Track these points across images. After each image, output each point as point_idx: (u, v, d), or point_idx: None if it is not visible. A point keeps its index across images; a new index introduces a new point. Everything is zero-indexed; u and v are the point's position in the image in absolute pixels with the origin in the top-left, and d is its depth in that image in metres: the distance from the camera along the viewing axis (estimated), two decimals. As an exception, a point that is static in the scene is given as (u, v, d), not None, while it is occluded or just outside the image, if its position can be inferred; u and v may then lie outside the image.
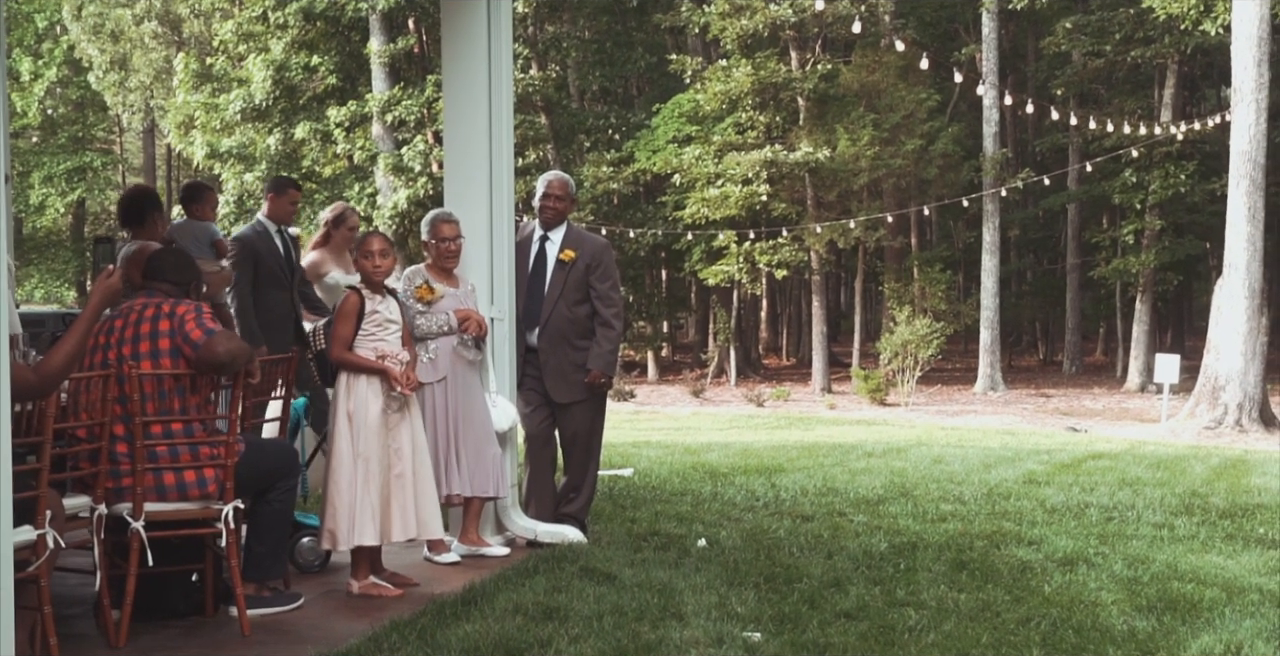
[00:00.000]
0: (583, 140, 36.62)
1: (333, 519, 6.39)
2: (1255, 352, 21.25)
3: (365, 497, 6.41)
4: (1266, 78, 21.71)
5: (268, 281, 8.48)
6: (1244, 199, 21.54)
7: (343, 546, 6.43)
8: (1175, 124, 31.11)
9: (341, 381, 6.53)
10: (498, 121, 7.87)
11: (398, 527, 6.53)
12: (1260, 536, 8.46)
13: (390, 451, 6.52)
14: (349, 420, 6.45)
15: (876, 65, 33.17)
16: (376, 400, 6.50)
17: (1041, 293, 43.70)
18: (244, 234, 8.73)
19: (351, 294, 6.58)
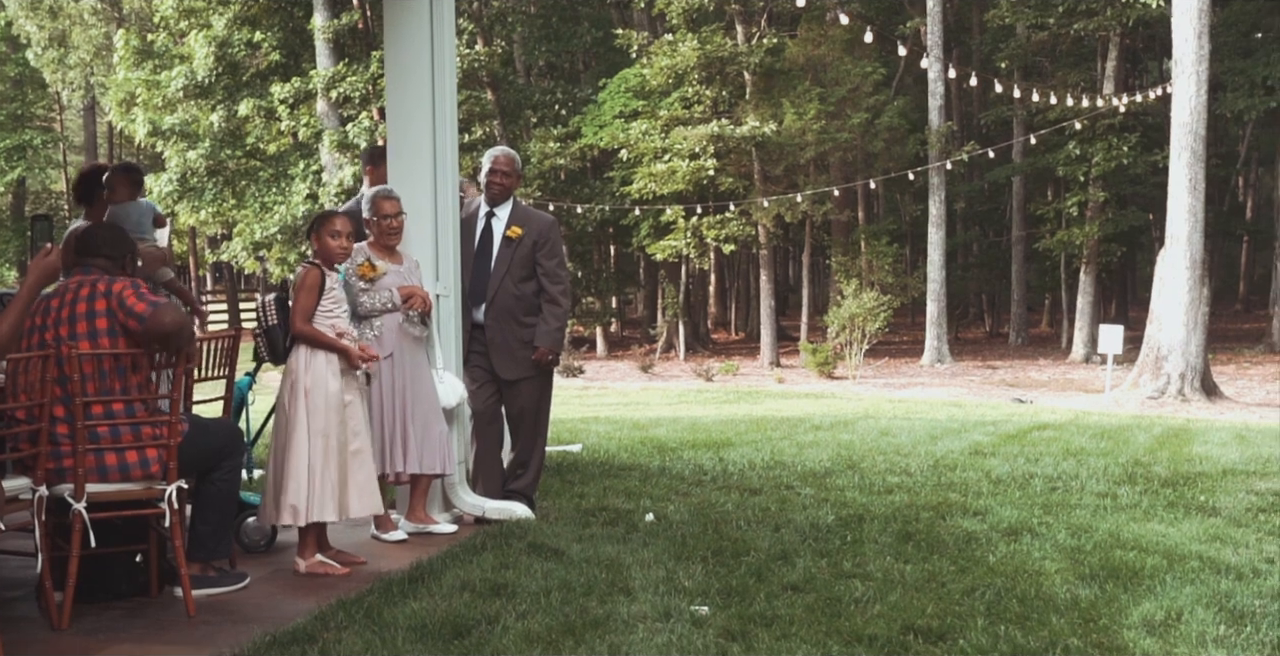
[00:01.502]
0: (529, 116, 36.49)
1: (295, 494, 6.35)
2: (1197, 323, 21.47)
3: (325, 474, 6.39)
4: (1207, 50, 21.88)
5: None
6: (1185, 170, 21.73)
7: (302, 521, 6.39)
8: (1118, 96, 31.32)
9: (300, 357, 6.48)
10: (441, 97, 7.82)
11: (356, 504, 6.51)
12: (1201, 504, 8.56)
13: (348, 429, 6.50)
14: (306, 396, 6.41)
15: (822, 39, 33.22)
16: (335, 378, 6.47)
17: (987, 265, 44.00)
18: (350, 208, 8.23)
19: (313, 268, 6.55)
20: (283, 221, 32.28)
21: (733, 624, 5.30)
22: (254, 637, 5.15)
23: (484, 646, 5.01)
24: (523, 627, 5.23)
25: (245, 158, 34.65)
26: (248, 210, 33.74)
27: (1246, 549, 7.04)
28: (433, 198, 7.74)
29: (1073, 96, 30.09)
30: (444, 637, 5.13)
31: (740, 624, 5.30)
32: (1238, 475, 10.07)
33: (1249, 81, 33.82)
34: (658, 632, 5.18)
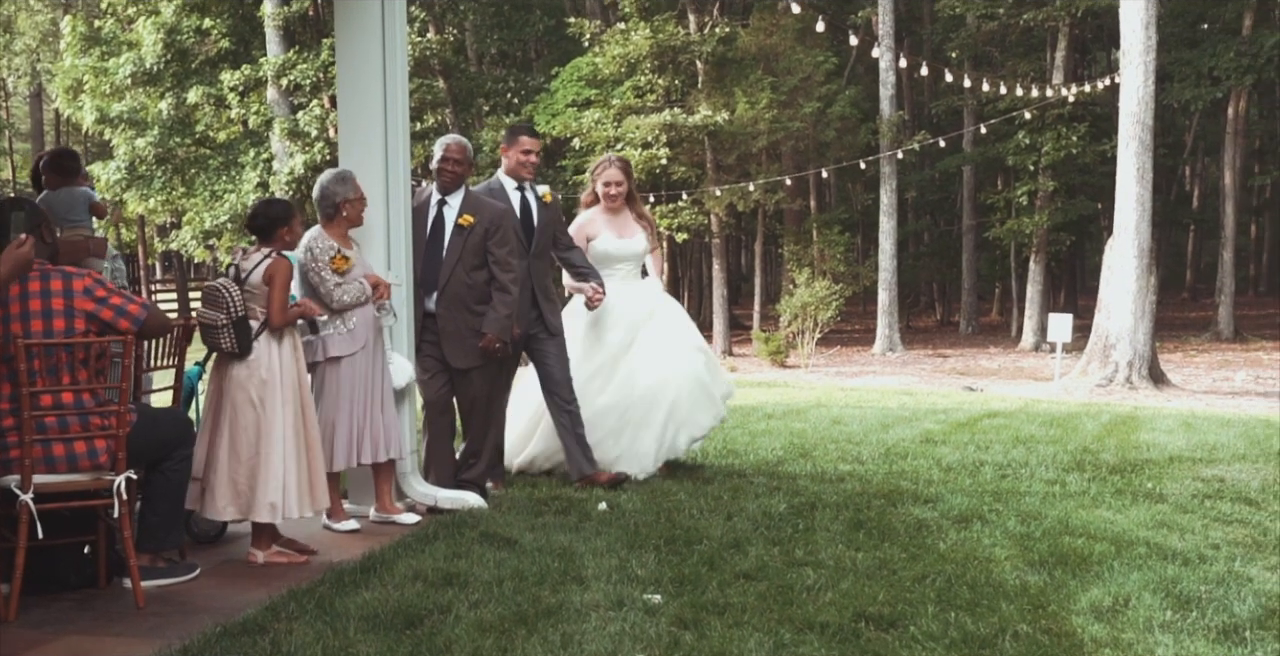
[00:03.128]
0: (481, 104, 36.36)
1: (275, 491, 6.30)
2: (1144, 311, 21.66)
3: (300, 468, 6.37)
4: (1154, 40, 22.05)
5: None
6: (1133, 160, 21.90)
7: (280, 518, 6.35)
8: (1067, 86, 31.51)
9: (272, 352, 6.41)
10: (393, 85, 7.78)
11: (320, 496, 6.50)
12: (1148, 491, 8.65)
13: (308, 420, 6.47)
14: (281, 390, 6.36)
15: (774, 28, 33.24)
16: (292, 368, 6.43)
17: (938, 254, 44.24)
18: (476, 191, 8.40)
19: (285, 260, 6.50)
20: (233, 210, 32.02)
21: (685, 612, 5.32)
22: (204, 628, 5.12)
23: (436, 636, 5.00)
24: (475, 617, 5.23)
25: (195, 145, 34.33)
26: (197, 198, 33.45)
27: (1193, 535, 7.12)
28: (384, 186, 7.71)
29: (1022, 86, 30.25)
30: (396, 627, 5.12)
31: (693, 612, 5.32)
32: (1184, 462, 10.19)
33: (1195, 72, 34.14)
34: (610, 621, 5.19)
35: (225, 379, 6.40)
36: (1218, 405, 18.64)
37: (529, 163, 8.60)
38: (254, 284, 6.44)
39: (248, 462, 6.32)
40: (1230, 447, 11.18)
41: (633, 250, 9.26)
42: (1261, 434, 12.52)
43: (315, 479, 6.49)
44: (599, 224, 9.26)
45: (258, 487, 6.31)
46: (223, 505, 6.37)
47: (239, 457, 6.33)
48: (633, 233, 9.28)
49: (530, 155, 8.59)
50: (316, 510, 6.58)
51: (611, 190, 9.22)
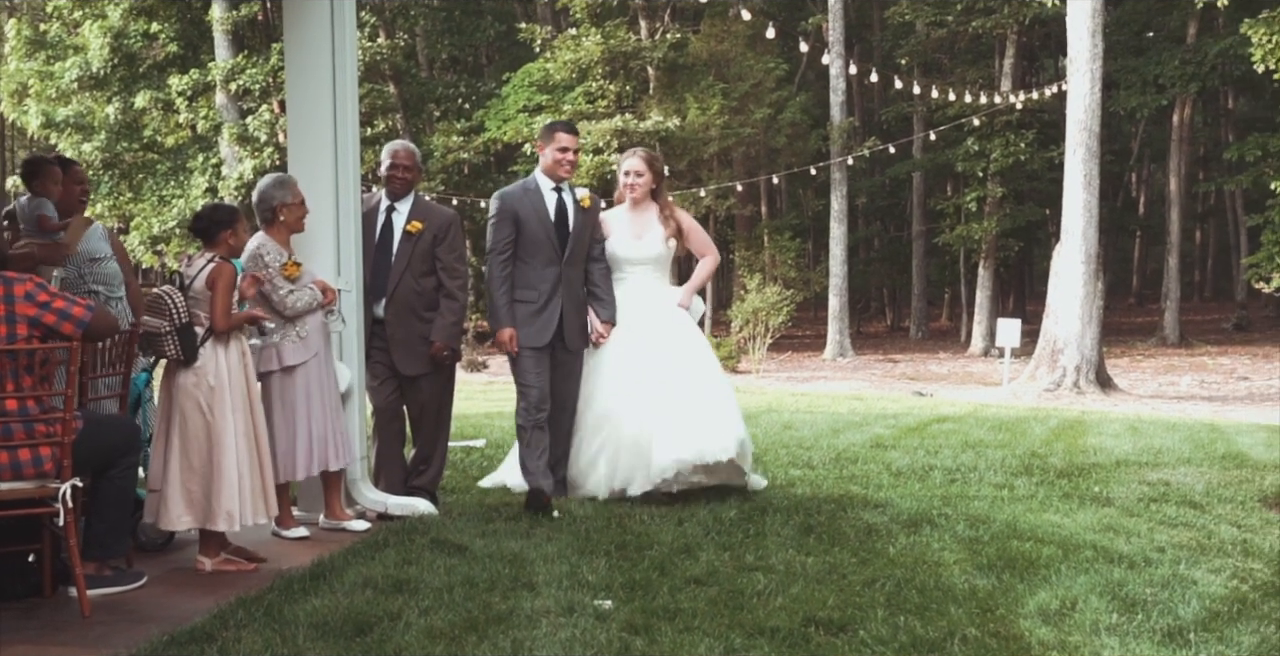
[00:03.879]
0: (432, 109, 36.31)
1: (230, 500, 6.25)
2: (1092, 316, 21.84)
3: (255, 475, 6.33)
4: (1100, 48, 22.25)
5: (530, 250, 8.12)
6: (1080, 166, 22.09)
7: (237, 526, 6.31)
8: (1015, 93, 31.79)
9: (220, 358, 6.35)
10: (342, 90, 7.75)
11: (273, 503, 6.47)
12: (1095, 494, 8.72)
13: (257, 427, 6.43)
14: (231, 396, 6.31)
15: (725, 34, 33.36)
16: (240, 373, 6.38)
17: (888, 260, 44.49)
18: (507, 190, 8.26)
19: (228, 265, 6.44)
20: (181, 215, 31.83)
21: (636, 617, 5.32)
22: (151, 637, 5.08)
23: (386, 643, 4.98)
24: (425, 624, 5.21)
25: (142, 150, 34.11)
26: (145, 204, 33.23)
27: (1139, 538, 7.19)
28: (334, 191, 7.67)
29: (971, 93, 30.49)
30: (345, 635, 5.10)
31: (643, 617, 5.32)
32: (1130, 466, 10.28)
33: (1141, 79, 34.49)
34: (561, 627, 5.19)
35: (174, 387, 6.34)
36: (1163, 409, 18.83)
37: (566, 161, 8.18)
38: (198, 290, 6.39)
39: (201, 471, 6.27)
40: (1175, 451, 11.29)
41: (647, 254, 8.47)
42: (1206, 438, 12.66)
43: (267, 486, 6.46)
44: (616, 221, 8.55)
45: (213, 496, 6.26)
46: (177, 515, 6.30)
47: (191, 466, 6.27)
48: (652, 234, 8.49)
49: (568, 153, 8.18)
50: (269, 517, 6.54)
51: (630, 179, 8.52)
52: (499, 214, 8.14)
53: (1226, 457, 10.90)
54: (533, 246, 8.11)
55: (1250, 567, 6.43)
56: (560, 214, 8.17)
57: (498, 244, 8.12)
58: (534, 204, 8.12)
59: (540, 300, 8.10)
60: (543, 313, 8.10)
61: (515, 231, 8.10)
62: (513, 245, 8.10)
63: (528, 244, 8.11)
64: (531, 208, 8.13)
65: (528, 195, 8.16)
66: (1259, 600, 5.73)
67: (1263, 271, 26.65)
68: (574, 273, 8.24)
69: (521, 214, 8.10)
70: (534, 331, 8.10)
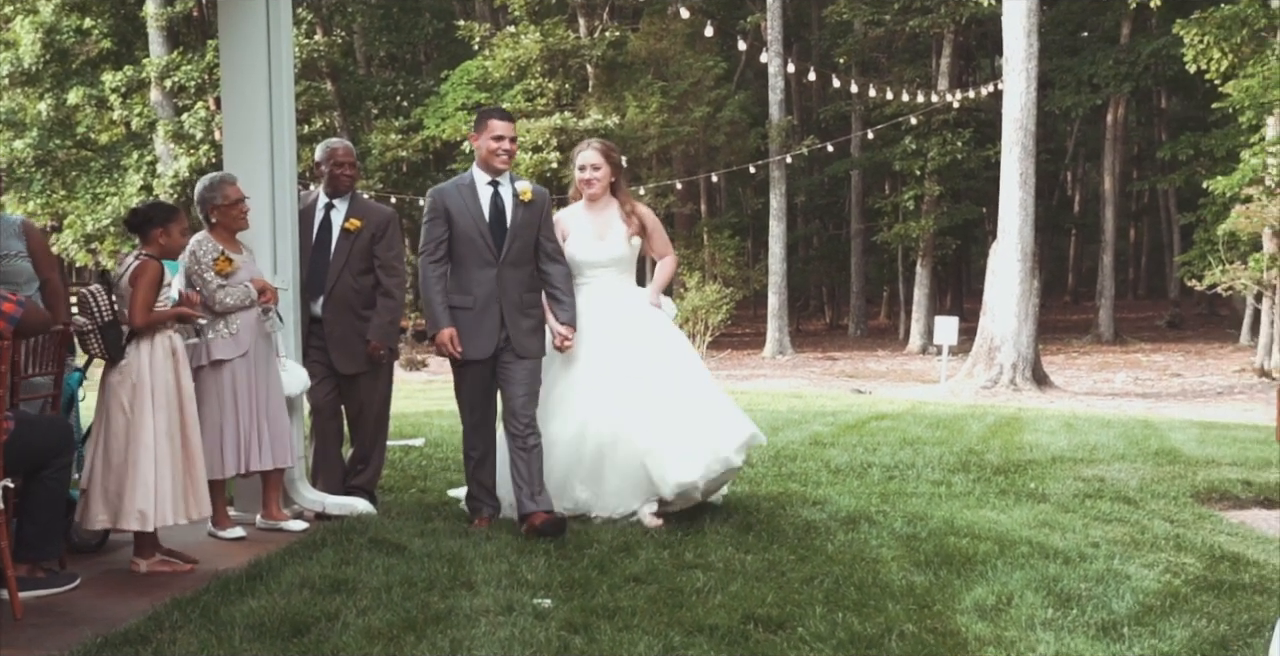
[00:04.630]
0: (370, 107, 36.14)
1: (144, 499, 6.19)
2: (1028, 314, 22.03)
3: (174, 476, 6.26)
4: (1036, 48, 22.44)
5: (464, 250, 7.33)
6: (1016, 165, 22.27)
7: (151, 526, 6.24)
8: (951, 92, 32.02)
9: (142, 355, 6.29)
10: (278, 87, 7.70)
11: (194, 504, 6.39)
12: (1031, 491, 8.80)
13: (188, 425, 6.37)
14: (152, 395, 6.25)
15: (664, 33, 33.42)
16: (171, 371, 6.32)
17: (827, 258, 44.71)
18: (441, 186, 7.55)
19: (153, 262, 6.37)
20: (115, 213, 31.49)
21: (575, 616, 5.31)
22: (85, 639, 5.02)
23: (323, 644, 4.95)
24: (363, 624, 5.18)
25: (75, 148, 33.72)
26: (79, 202, 32.86)
27: (1073, 533, 7.26)
28: (270, 189, 7.63)
29: (908, 92, 30.66)
30: (283, 636, 5.06)
31: (583, 616, 5.32)
32: (1066, 462, 10.38)
33: (1076, 79, 34.88)
34: (500, 626, 5.18)
35: (103, 385, 6.31)
36: (1098, 406, 19.03)
37: (502, 150, 7.39)
38: (124, 287, 6.33)
39: (117, 469, 6.21)
40: (1110, 448, 11.41)
41: (611, 255, 7.74)
42: (1140, 434, 12.80)
43: (194, 486, 6.38)
44: (574, 221, 7.83)
45: (125, 495, 6.20)
46: (95, 513, 6.25)
47: (110, 464, 6.21)
48: (614, 233, 7.77)
49: (503, 142, 7.38)
50: (194, 518, 6.45)
51: (586, 174, 7.78)
52: (431, 211, 7.38)
53: (1160, 454, 11.03)
54: (466, 246, 7.31)
55: (1183, 562, 6.51)
56: (496, 210, 7.35)
57: (428, 244, 7.35)
58: (466, 200, 7.34)
59: (476, 305, 7.30)
60: (481, 319, 7.29)
61: (448, 230, 7.32)
62: (444, 245, 7.32)
63: (461, 244, 7.31)
64: (464, 204, 7.33)
65: (460, 191, 7.39)
66: (1191, 594, 5.81)
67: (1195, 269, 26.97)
68: (515, 275, 7.36)
69: (453, 211, 7.31)
70: (474, 341, 7.29)
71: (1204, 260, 26.84)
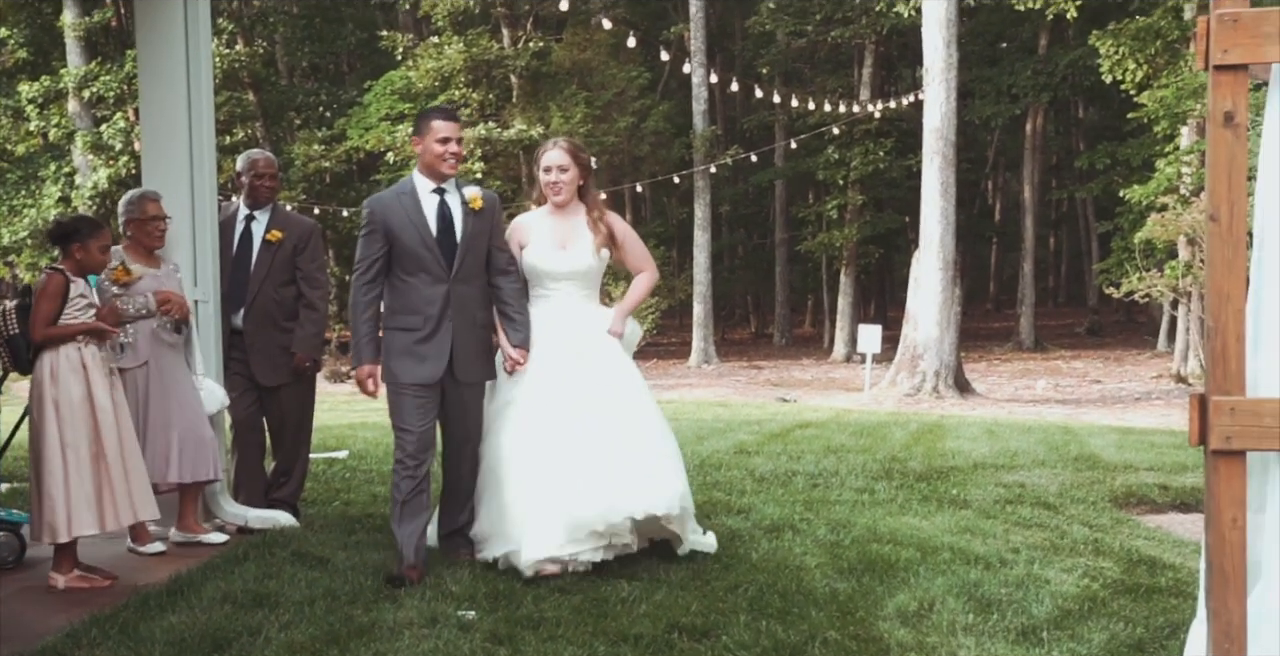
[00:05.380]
0: (293, 117, 35.91)
1: (51, 511, 6.12)
2: (950, 322, 22.23)
3: (80, 487, 6.18)
4: (955, 58, 22.70)
5: (409, 266, 6.50)
6: (937, 174, 22.49)
7: (63, 538, 6.17)
8: (873, 102, 32.28)
9: (45, 367, 6.23)
10: (197, 98, 7.66)
11: (111, 515, 6.31)
12: (953, 497, 8.89)
13: (101, 436, 6.29)
14: (55, 408, 6.18)
15: (587, 43, 33.46)
16: (81, 383, 6.25)
17: (752, 267, 44.90)
18: (378, 196, 6.73)
19: (56, 275, 6.31)
20: (33, 225, 31.05)
21: (499, 627, 5.31)
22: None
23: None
24: (286, 638, 5.15)
25: (-10, 159, 33.27)
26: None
27: (994, 539, 7.34)
28: (190, 201, 7.59)
29: (831, 102, 30.89)
30: (203, 651, 5.02)
31: (507, 627, 5.31)
32: (987, 468, 10.49)
33: (995, 89, 35.28)
34: (424, 638, 5.16)
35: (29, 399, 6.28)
36: (1019, 413, 19.23)
37: (449, 154, 6.56)
38: None
39: (33, 483, 6.17)
40: (1030, 454, 11.55)
41: (574, 266, 6.88)
42: (1060, 440, 12.96)
43: (114, 496, 6.30)
44: (535, 228, 6.99)
45: (33, 508, 6.15)
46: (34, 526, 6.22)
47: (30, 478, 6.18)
48: (580, 242, 6.92)
49: (449, 144, 6.55)
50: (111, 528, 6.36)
51: (552, 177, 6.91)
52: (367, 225, 6.54)
53: (1079, 459, 11.18)
54: (411, 262, 6.47)
55: (1101, 566, 6.60)
56: (444, 220, 6.55)
57: (360, 263, 6.53)
58: (409, 211, 6.50)
59: (426, 327, 6.47)
60: (429, 342, 6.47)
61: (387, 245, 6.47)
62: (380, 263, 6.48)
63: (405, 259, 6.47)
64: (406, 216, 6.48)
65: (402, 201, 6.54)
66: (1109, 597, 5.89)
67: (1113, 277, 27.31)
68: (467, 291, 6.58)
69: (394, 224, 6.46)
70: (419, 366, 6.47)
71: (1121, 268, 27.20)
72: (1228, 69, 3.61)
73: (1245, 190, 3.62)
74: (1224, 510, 3.63)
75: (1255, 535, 3.69)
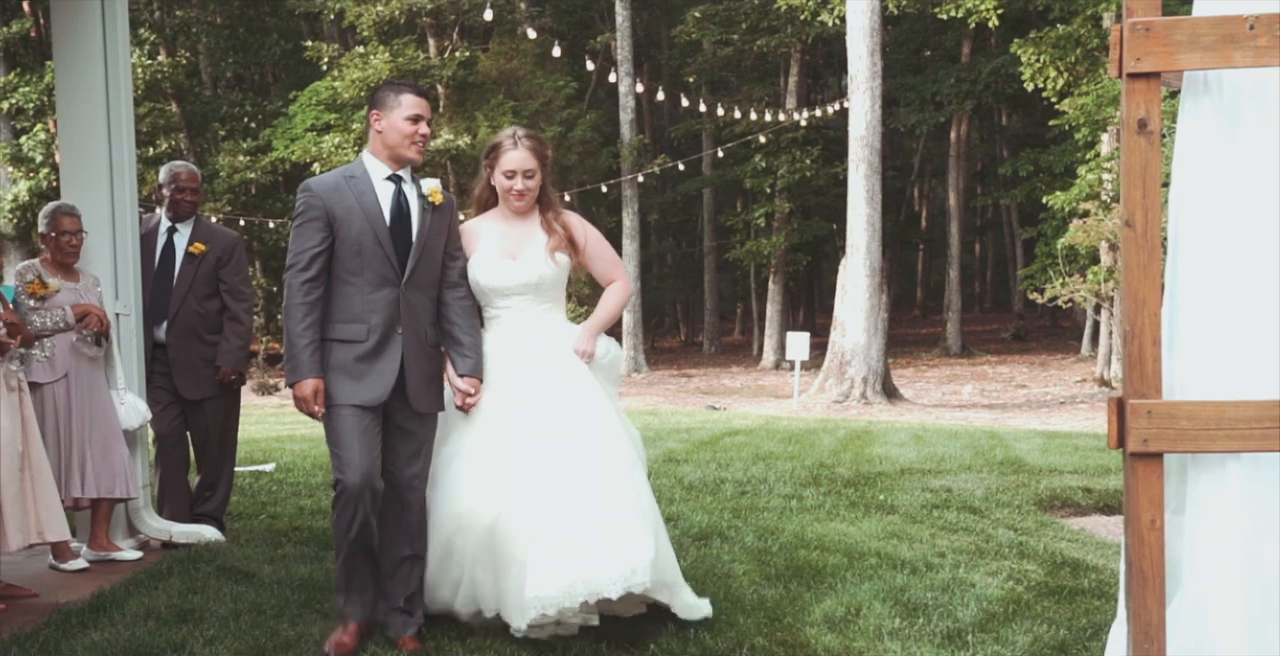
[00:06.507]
0: (217, 128, 35.59)
1: None
2: (877, 328, 22.40)
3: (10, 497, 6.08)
4: (879, 67, 22.89)
5: (354, 264, 5.35)
6: (863, 182, 22.67)
7: None
8: (799, 111, 32.48)
9: None
10: (116, 109, 7.57)
11: (14, 534, 6.20)
12: (880, 502, 8.95)
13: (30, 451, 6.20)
14: None
15: (514, 53, 33.45)
16: None
17: (681, 275, 45.05)
18: (319, 179, 5.51)
19: None
20: (-47, 238, 30.64)
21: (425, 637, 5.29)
22: (-82, 679, 4.88)
23: (169, 675, 4.87)
24: (210, 653, 5.10)
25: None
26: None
27: (921, 544, 7.40)
28: (110, 213, 7.49)
29: (757, 111, 31.06)
30: (127, 669, 4.97)
31: (434, 638, 5.29)
32: (914, 473, 10.57)
33: (920, 97, 35.61)
34: (351, 652, 5.13)
35: None
36: (946, 418, 19.40)
37: (420, 136, 5.48)
38: None
39: None
40: (957, 458, 11.66)
41: (524, 278, 5.67)
42: (986, 445, 13.09)
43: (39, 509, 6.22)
44: (484, 234, 5.78)
45: None
46: None
47: None
48: (534, 249, 5.73)
49: (421, 124, 5.47)
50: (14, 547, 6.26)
51: (517, 183, 5.74)
52: (305, 212, 5.34)
53: (1005, 463, 11.29)
54: (357, 259, 5.34)
55: (1025, 569, 6.67)
56: (399, 213, 5.44)
57: (300, 256, 5.31)
58: (359, 198, 5.37)
59: (371, 339, 5.33)
60: (376, 357, 5.34)
61: (330, 237, 5.31)
62: (323, 257, 5.30)
63: (350, 256, 5.33)
64: (355, 203, 5.35)
65: (351, 186, 5.40)
66: (1033, 600, 5.95)
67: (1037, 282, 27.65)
68: (420, 299, 5.47)
69: (339, 212, 5.32)
70: (361, 384, 5.32)
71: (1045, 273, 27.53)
72: (1141, 77, 3.65)
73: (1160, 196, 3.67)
74: (1142, 512, 3.67)
75: (1173, 536, 3.74)
